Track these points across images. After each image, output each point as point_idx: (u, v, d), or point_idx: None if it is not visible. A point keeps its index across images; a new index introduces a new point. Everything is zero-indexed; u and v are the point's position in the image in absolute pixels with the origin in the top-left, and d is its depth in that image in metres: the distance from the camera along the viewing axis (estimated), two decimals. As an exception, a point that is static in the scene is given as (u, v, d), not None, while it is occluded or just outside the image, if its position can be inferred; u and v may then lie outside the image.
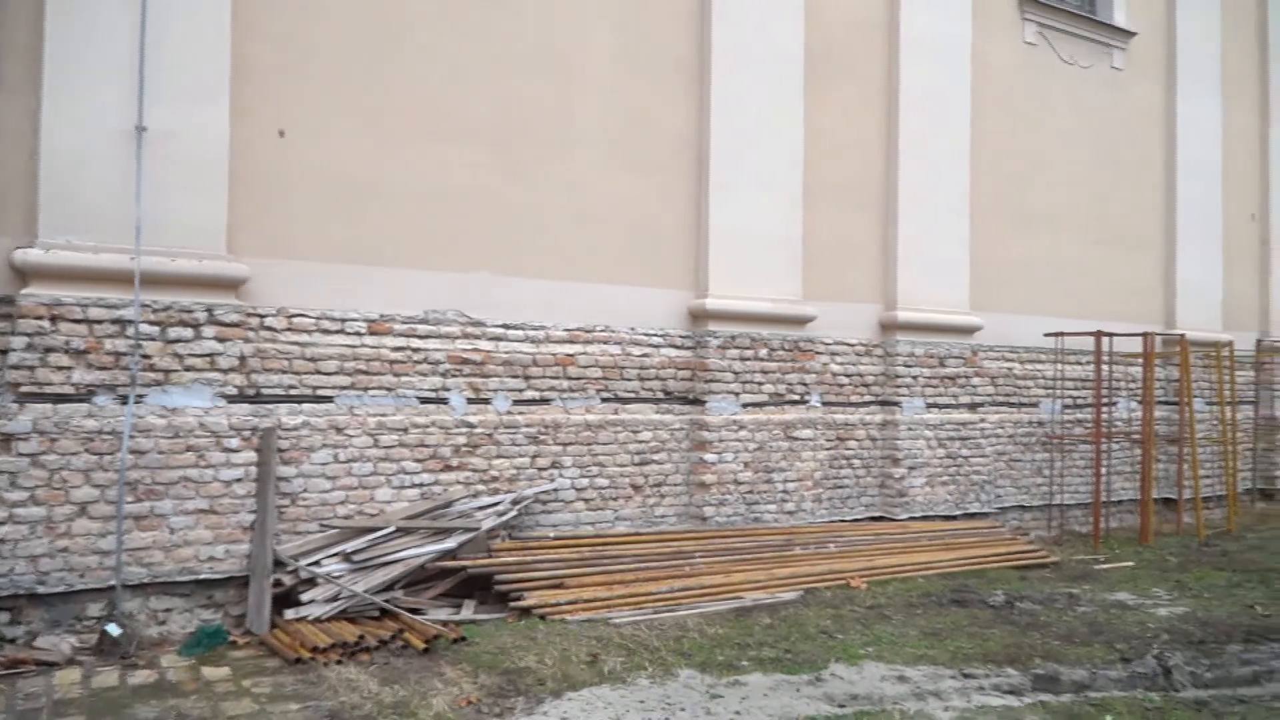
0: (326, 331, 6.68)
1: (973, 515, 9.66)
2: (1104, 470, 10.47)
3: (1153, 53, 11.78)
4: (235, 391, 6.24)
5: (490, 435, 7.23)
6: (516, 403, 7.38)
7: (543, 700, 4.94)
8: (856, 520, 9.07)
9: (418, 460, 6.94)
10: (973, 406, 9.82)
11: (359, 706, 4.77)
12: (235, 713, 4.75)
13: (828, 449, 8.93)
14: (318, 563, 6.30)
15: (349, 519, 6.65)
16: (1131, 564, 9.05)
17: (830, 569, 7.82)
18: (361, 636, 5.73)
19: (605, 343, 7.80)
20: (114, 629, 5.60)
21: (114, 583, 5.77)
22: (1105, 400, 10.67)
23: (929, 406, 9.46)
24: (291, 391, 6.53)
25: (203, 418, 6.08)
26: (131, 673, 5.31)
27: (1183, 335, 11.05)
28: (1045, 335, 10.53)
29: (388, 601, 6.29)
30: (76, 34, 5.83)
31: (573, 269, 7.70)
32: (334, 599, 6.16)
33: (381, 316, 6.88)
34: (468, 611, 6.56)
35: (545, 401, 7.52)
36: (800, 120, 8.70)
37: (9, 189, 5.79)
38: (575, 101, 7.74)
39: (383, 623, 6.11)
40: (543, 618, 6.43)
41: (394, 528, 6.59)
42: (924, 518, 9.30)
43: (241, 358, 6.27)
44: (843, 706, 4.97)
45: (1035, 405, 10.57)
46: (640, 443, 7.91)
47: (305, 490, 6.53)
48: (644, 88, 8.06)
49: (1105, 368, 10.50)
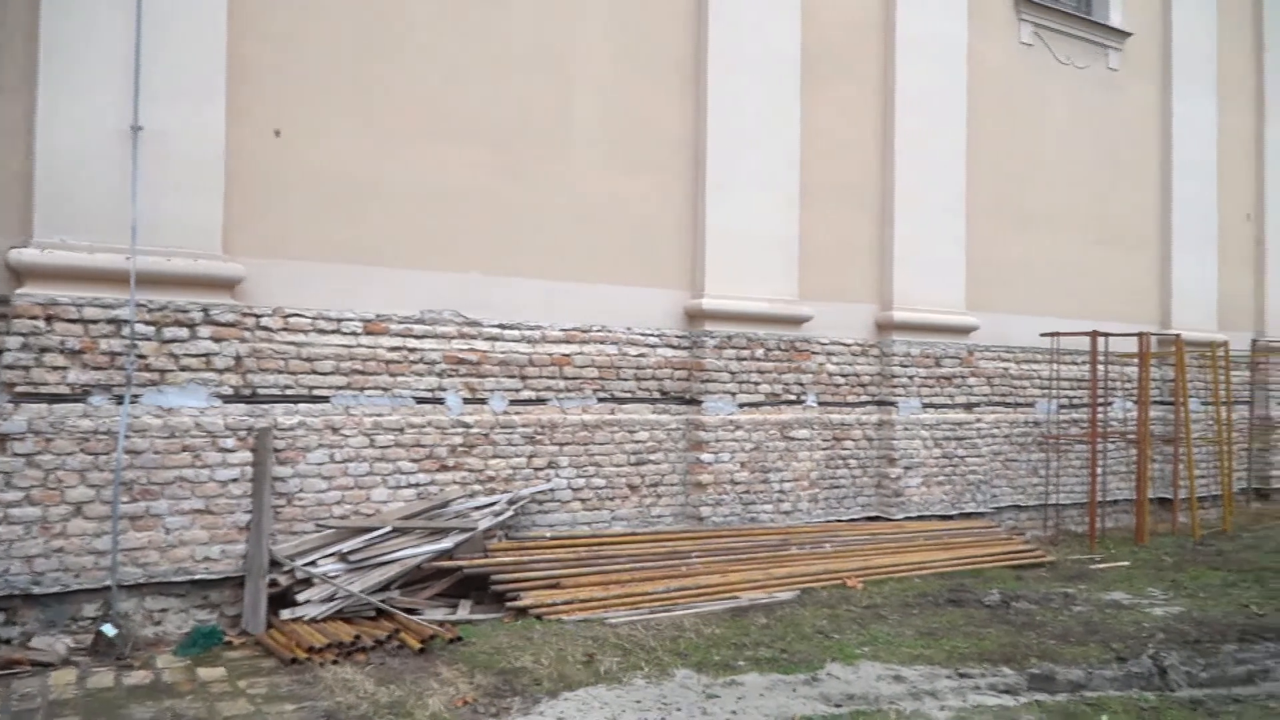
0: (322, 331, 6.68)
1: (969, 515, 9.67)
2: (1099, 470, 10.49)
3: (1148, 53, 11.80)
4: (231, 391, 6.23)
5: (486, 435, 7.23)
6: (513, 403, 7.38)
7: (539, 700, 4.94)
8: (853, 520, 9.08)
9: (414, 460, 6.93)
10: (969, 406, 9.83)
11: (355, 707, 4.76)
12: (231, 713, 4.74)
13: (824, 449, 8.94)
14: (314, 563, 6.30)
15: (345, 519, 6.65)
16: (1127, 564, 9.07)
17: (826, 569, 7.83)
18: (357, 637, 5.73)
19: (602, 343, 7.80)
20: (109, 629, 5.59)
21: (109, 583, 5.76)
22: (1101, 400, 10.69)
23: (925, 406, 9.46)
24: (287, 391, 6.53)
25: (198, 418, 6.07)
26: (127, 673, 5.30)
27: (1178, 335, 11.07)
28: (1041, 335, 10.55)
29: (384, 602, 6.29)
30: (72, 33, 5.82)
31: (569, 269, 7.70)
32: (330, 599, 6.16)
33: (378, 316, 6.88)
34: (464, 611, 6.55)
35: (542, 401, 7.52)
36: (797, 120, 8.71)
37: (4, 189, 5.78)
38: (572, 102, 7.74)
39: (379, 623, 6.11)
40: (539, 618, 6.43)
41: (390, 528, 6.59)
42: (920, 517, 9.30)
43: (237, 358, 6.26)
44: (839, 706, 4.97)
45: (1031, 405, 10.58)
46: (637, 443, 7.91)
47: (301, 490, 6.53)
48: (641, 88, 8.06)
49: (1101, 368, 10.52)
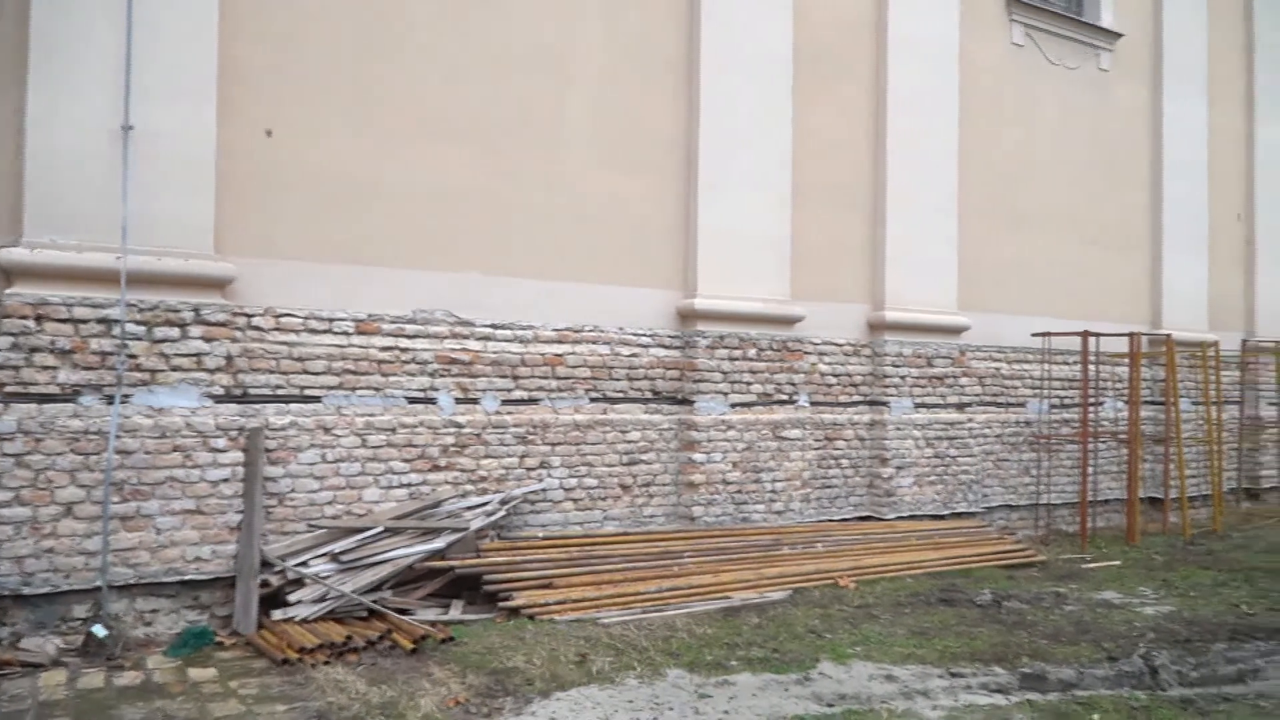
0: (314, 331, 6.66)
1: (960, 515, 9.69)
2: (1090, 470, 10.52)
3: (1139, 54, 11.84)
4: (222, 391, 6.21)
5: (478, 435, 7.22)
6: (505, 403, 7.38)
7: (531, 700, 4.93)
8: (845, 520, 9.09)
9: (406, 460, 6.93)
10: (960, 406, 9.85)
11: (347, 707, 4.75)
12: (222, 714, 4.73)
13: (816, 449, 8.95)
14: (305, 563, 6.28)
15: (337, 519, 6.64)
16: (1118, 563, 9.10)
17: (818, 568, 7.83)
18: (349, 637, 5.72)
19: (594, 342, 7.80)
20: (100, 630, 5.57)
21: (100, 584, 5.74)
22: (1092, 400, 10.72)
23: (917, 406, 9.48)
24: (279, 391, 6.51)
25: (189, 418, 6.05)
26: (117, 674, 5.29)
27: (1169, 335, 11.10)
28: (1032, 335, 10.57)
29: (375, 602, 6.28)
30: (62, 32, 5.80)
31: (562, 269, 7.70)
32: (321, 599, 6.14)
33: (369, 316, 6.87)
34: (456, 612, 6.54)
35: (534, 401, 7.51)
36: (789, 120, 8.71)
37: (-6, 188, 5.77)
38: (565, 102, 7.74)
39: (370, 623, 6.09)
40: (531, 618, 6.42)
41: (382, 528, 6.58)
42: (912, 517, 9.32)
43: (228, 357, 6.25)
44: (831, 706, 4.98)
45: (1022, 405, 10.61)
46: (629, 443, 7.91)
47: (293, 490, 6.51)
48: (635, 89, 8.06)
49: (1092, 368, 10.55)
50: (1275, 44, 13.31)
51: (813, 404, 8.94)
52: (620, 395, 7.91)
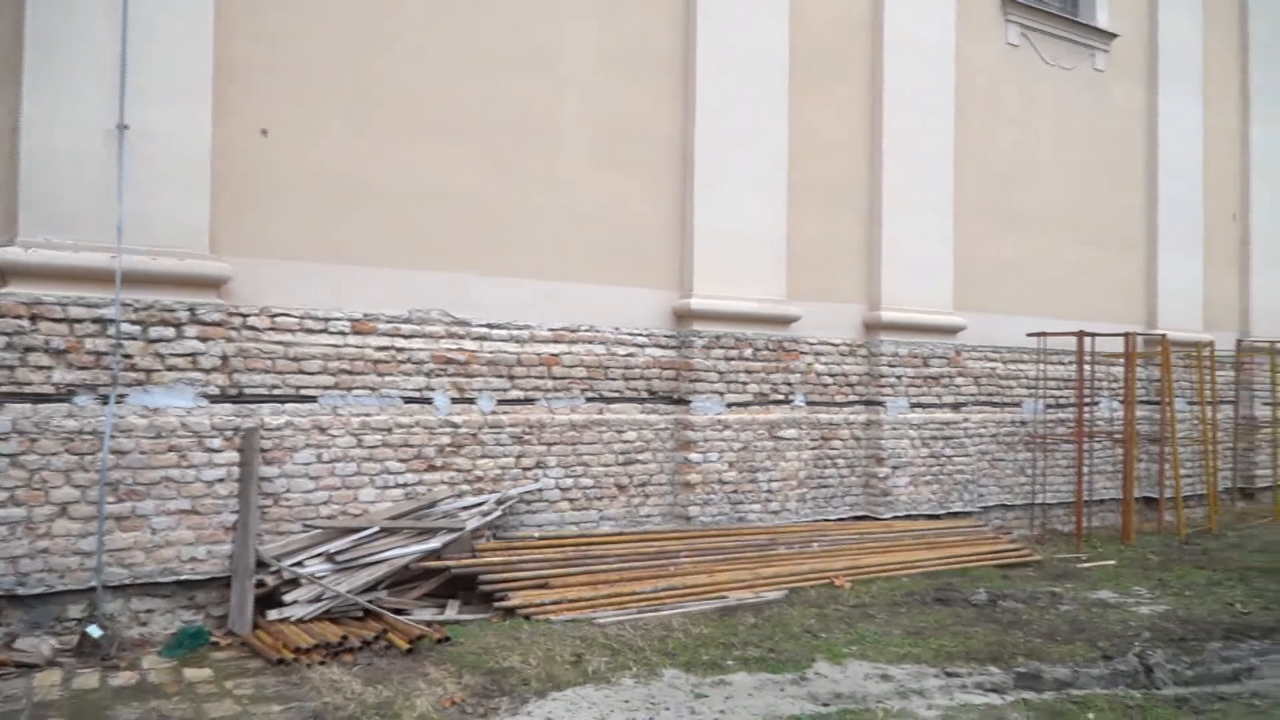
0: (310, 331, 6.65)
1: (956, 514, 9.70)
2: (1086, 469, 10.54)
3: (1134, 54, 11.86)
4: (218, 391, 6.20)
5: (474, 435, 7.22)
6: (501, 402, 7.37)
7: (527, 700, 4.93)
8: (841, 520, 9.10)
9: (402, 460, 6.92)
10: (956, 406, 9.86)
11: (342, 707, 4.75)
12: (217, 714, 4.72)
13: (812, 449, 8.95)
14: (301, 563, 6.28)
15: (332, 519, 6.63)
16: (1113, 562, 9.11)
17: (814, 568, 7.84)
18: (345, 637, 5.71)
19: (590, 342, 7.80)
20: (95, 630, 5.56)
21: (95, 584, 5.73)
22: (1087, 400, 10.74)
23: (913, 406, 9.49)
24: (275, 391, 6.50)
25: (185, 418, 6.04)
26: (113, 674, 5.27)
27: (1164, 335, 11.13)
28: (1028, 335, 10.59)
29: (371, 602, 6.27)
30: (57, 32, 5.78)
31: (558, 269, 7.69)
32: (317, 599, 6.13)
33: (365, 316, 6.86)
34: (452, 612, 6.54)
35: (530, 401, 7.51)
36: (785, 120, 8.71)
37: (-12, 187, 5.75)
38: (561, 102, 7.73)
39: (366, 623, 6.08)
40: (527, 618, 6.42)
41: (378, 528, 6.57)
42: (908, 517, 9.33)
43: (224, 357, 6.23)
44: (827, 705, 4.98)
45: (1018, 405, 10.62)
46: (625, 442, 7.91)
47: (288, 490, 6.51)
48: (630, 88, 8.06)
49: (1087, 368, 10.56)
50: (1270, 44, 13.34)
51: (809, 404, 8.95)
52: (616, 395, 7.91)
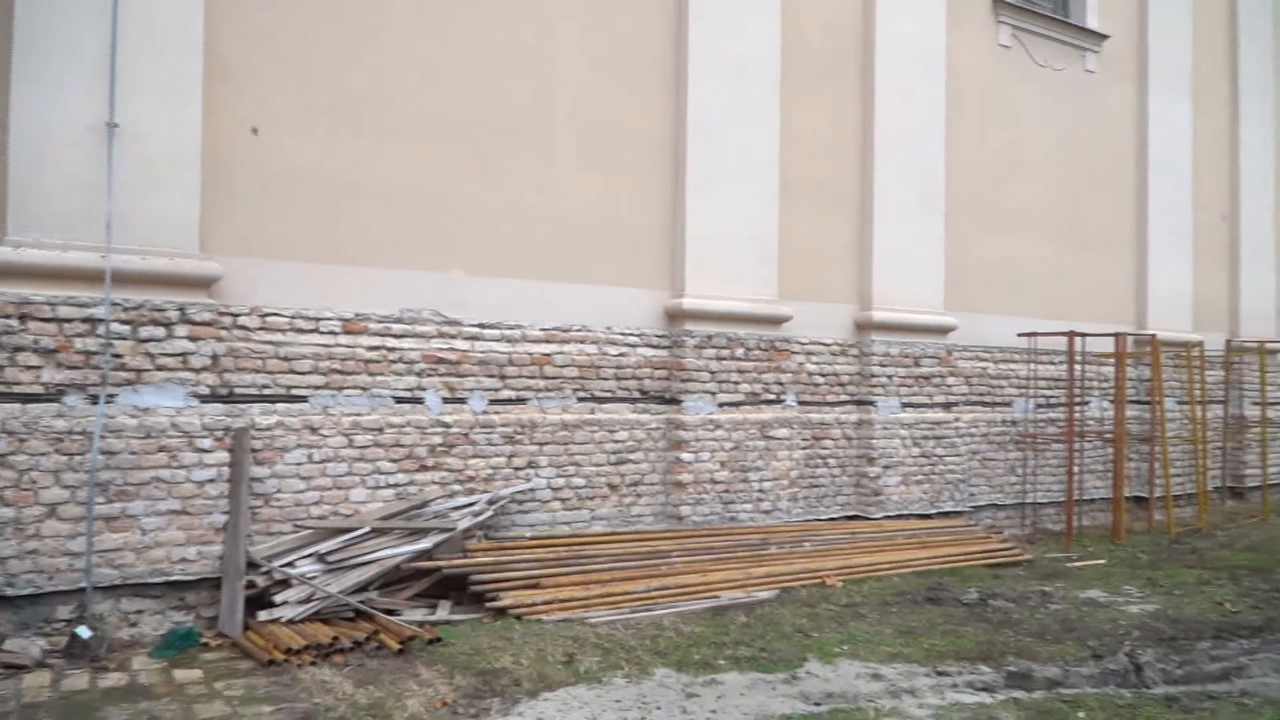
0: (301, 331, 6.64)
1: (947, 514, 9.72)
2: (1076, 469, 10.57)
3: (1125, 56, 11.91)
4: (208, 391, 6.18)
5: (466, 435, 7.21)
6: (492, 402, 7.36)
7: (519, 701, 4.93)
8: (832, 519, 9.11)
9: (393, 460, 6.90)
10: (947, 406, 9.88)
11: (333, 708, 4.74)
12: (207, 715, 4.71)
13: (803, 448, 8.96)
14: (291, 564, 6.26)
15: (323, 519, 6.61)
16: (1103, 562, 9.14)
17: (806, 568, 7.85)
18: (336, 638, 5.70)
19: (582, 342, 7.79)
20: (84, 631, 5.54)
21: (84, 585, 5.70)
22: (1078, 400, 10.78)
23: (904, 406, 9.51)
24: (265, 391, 6.48)
25: (175, 418, 6.02)
26: (102, 675, 5.25)
27: (1154, 335, 11.17)
28: (1019, 335, 10.62)
29: (362, 602, 6.26)
30: (46, 29, 5.76)
31: (549, 268, 7.69)
32: (308, 600, 6.12)
33: (356, 316, 6.84)
34: (443, 612, 6.53)
35: (521, 401, 7.50)
36: (776, 120, 8.72)
37: (-24, 186, 5.72)
38: (552, 101, 7.72)
39: (357, 624, 6.07)
40: (519, 618, 6.41)
41: (369, 528, 6.56)
42: (899, 516, 9.35)
43: (214, 357, 6.21)
44: (818, 705, 4.99)
45: (1009, 405, 10.65)
46: (617, 442, 7.91)
47: (279, 491, 6.49)
48: (621, 87, 8.05)
49: (1078, 367, 10.60)
50: (1259, 46, 13.41)
51: (800, 403, 8.96)
52: (608, 395, 7.90)
